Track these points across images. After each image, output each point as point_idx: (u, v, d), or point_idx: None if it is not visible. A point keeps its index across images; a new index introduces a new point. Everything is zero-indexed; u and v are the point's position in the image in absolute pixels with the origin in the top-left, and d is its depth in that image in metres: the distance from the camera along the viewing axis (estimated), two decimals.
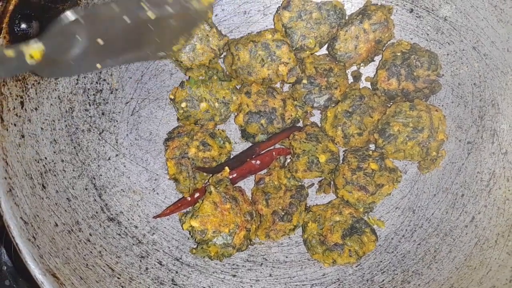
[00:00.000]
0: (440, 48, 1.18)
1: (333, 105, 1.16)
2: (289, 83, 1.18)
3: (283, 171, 1.15)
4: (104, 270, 1.02)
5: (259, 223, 1.14)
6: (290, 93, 1.19)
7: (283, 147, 1.19)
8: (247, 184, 1.21)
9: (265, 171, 1.19)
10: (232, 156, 1.19)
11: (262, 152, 1.18)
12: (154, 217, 1.16)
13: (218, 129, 1.18)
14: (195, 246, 1.13)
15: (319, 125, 1.19)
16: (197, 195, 1.15)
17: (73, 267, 0.96)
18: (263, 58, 1.12)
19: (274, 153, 1.18)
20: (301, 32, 1.14)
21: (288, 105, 1.16)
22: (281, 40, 1.12)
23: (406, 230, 1.17)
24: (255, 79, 1.14)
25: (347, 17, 1.17)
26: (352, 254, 1.09)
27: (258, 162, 1.16)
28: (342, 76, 1.17)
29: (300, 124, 1.20)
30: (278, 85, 1.22)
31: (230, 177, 1.15)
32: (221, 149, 1.15)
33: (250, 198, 1.17)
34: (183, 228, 1.09)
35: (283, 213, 1.11)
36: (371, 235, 1.11)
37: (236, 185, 1.19)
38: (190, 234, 1.11)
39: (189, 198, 1.15)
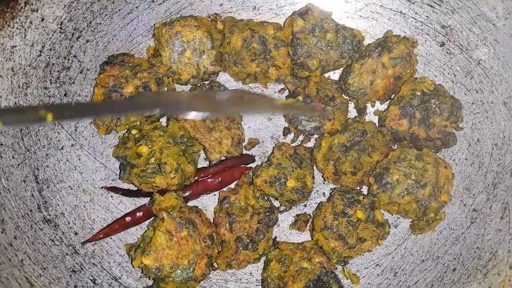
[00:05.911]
0: (465, 94, 1.08)
1: (318, 136, 1.07)
2: (283, 88, 1.10)
3: (252, 189, 1.04)
4: (20, 284, 0.91)
5: (220, 248, 1.03)
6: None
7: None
8: (209, 202, 1.08)
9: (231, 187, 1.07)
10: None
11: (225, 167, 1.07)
12: (82, 243, 1.02)
13: (169, 77, 1.04)
14: (150, 284, 1.01)
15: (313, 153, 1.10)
16: (139, 214, 1.02)
17: None
18: (256, 53, 1.02)
19: (237, 172, 1.07)
20: (308, 48, 1.04)
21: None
22: (283, 41, 1.03)
23: None
24: (239, 71, 1.04)
25: (363, 48, 1.08)
26: None
27: (218, 180, 1.06)
28: (342, 109, 1.07)
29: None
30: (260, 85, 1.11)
31: (184, 194, 1.02)
32: None
33: (212, 219, 1.05)
34: (133, 266, 0.95)
35: (248, 241, 1.01)
36: None
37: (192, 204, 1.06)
38: (142, 272, 0.99)
39: (128, 219, 1.02)
